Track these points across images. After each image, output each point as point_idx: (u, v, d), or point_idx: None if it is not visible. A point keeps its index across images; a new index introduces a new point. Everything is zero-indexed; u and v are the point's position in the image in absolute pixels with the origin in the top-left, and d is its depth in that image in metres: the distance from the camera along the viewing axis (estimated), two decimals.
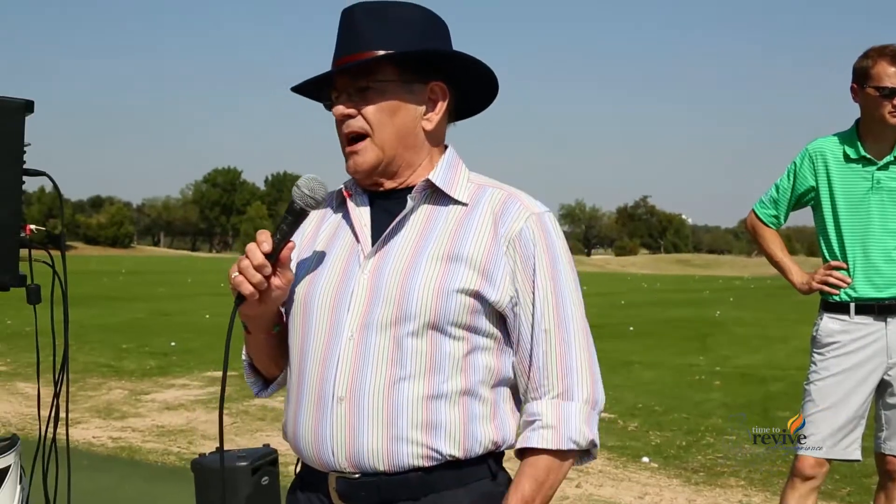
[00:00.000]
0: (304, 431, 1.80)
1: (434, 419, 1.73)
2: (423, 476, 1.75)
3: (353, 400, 1.73)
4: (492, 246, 1.77)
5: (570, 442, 1.74)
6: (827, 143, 3.90)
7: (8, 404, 8.78)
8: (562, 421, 1.75)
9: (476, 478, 1.79)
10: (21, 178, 2.27)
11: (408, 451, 1.73)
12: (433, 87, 1.85)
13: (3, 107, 2.22)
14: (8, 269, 2.25)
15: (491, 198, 1.83)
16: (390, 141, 1.81)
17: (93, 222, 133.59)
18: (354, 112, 1.80)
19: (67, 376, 2.50)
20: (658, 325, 19.50)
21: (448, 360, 1.74)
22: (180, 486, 5.82)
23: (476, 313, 1.76)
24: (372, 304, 1.75)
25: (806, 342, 4.16)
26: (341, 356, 1.75)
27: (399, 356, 1.73)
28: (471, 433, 1.76)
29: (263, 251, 1.73)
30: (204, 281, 39.44)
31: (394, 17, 1.82)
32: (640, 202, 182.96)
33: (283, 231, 1.76)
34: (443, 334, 1.74)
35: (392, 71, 1.80)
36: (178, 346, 13.83)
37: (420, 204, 1.84)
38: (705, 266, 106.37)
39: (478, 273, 1.75)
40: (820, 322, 3.90)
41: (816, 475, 3.80)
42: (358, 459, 1.74)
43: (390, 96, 1.80)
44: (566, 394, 1.77)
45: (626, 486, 6.17)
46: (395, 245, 1.80)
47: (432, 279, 1.73)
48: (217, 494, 2.91)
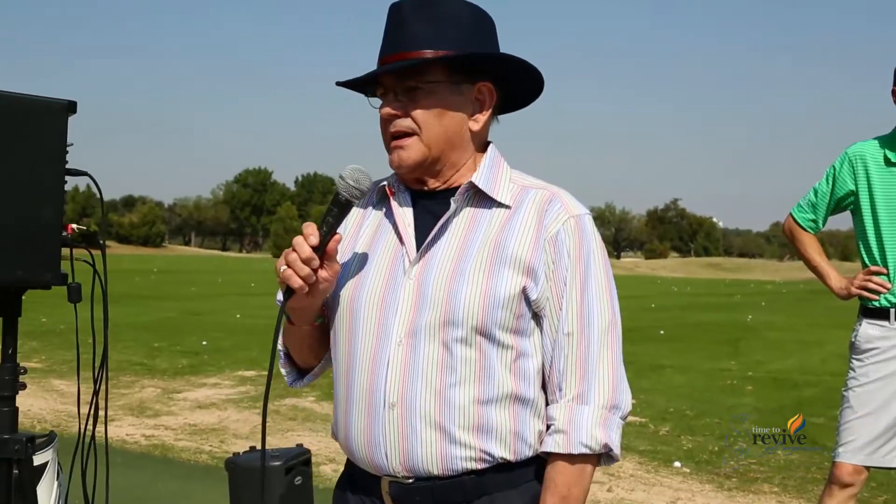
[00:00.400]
0: (357, 436, 1.81)
1: (485, 423, 1.74)
2: (475, 479, 1.76)
3: (405, 406, 1.73)
4: (535, 245, 1.76)
5: (582, 446, 1.73)
6: (867, 147, 3.86)
7: (43, 401, 8.86)
8: (573, 425, 1.74)
9: (526, 479, 1.80)
10: (63, 178, 2.30)
11: (461, 455, 1.74)
12: (480, 88, 1.84)
13: (47, 107, 2.24)
14: (51, 268, 2.28)
15: (534, 198, 1.82)
16: (437, 140, 1.80)
17: (125, 221, 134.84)
18: (402, 113, 1.79)
19: (107, 374, 2.52)
20: (689, 329, 19.36)
21: (497, 364, 1.75)
22: (213, 485, 5.86)
23: (522, 317, 1.76)
24: (419, 309, 1.75)
25: (841, 347, 4.11)
26: (391, 362, 1.75)
27: (449, 362, 1.73)
28: (520, 435, 1.77)
29: (311, 244, 1.72)
30: (234, 281, 39.72)
31: (443, 15, 1.81)
32: (671, 205, 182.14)
33: (330, 223, 1.74)
34: (491, 339, 1.74)
35: (442, 72, 1.79)
36: (209, 345, 13.91)
37: (463, 206, 1.83)
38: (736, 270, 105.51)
39: (523, 273, 1.75)
40: (859, 328, 3.85)
41: (855, 482, 3.75)
42: (411, 464, 1.75)
43: (439, 98, 1.79)
44: (581, 397, 1.76)
45: (658, 491, 6.12)
46: (440, 249, 1.79)
47: (478, 285, 1.73)
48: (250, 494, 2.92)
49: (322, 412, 8.45)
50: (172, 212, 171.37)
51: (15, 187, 2.20)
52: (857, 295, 3.87)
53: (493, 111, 1.88)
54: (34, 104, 2.22)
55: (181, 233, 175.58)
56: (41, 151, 2.23)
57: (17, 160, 2.19)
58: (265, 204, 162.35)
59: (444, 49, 1.77)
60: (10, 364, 2.37)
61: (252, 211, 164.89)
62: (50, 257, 2.28)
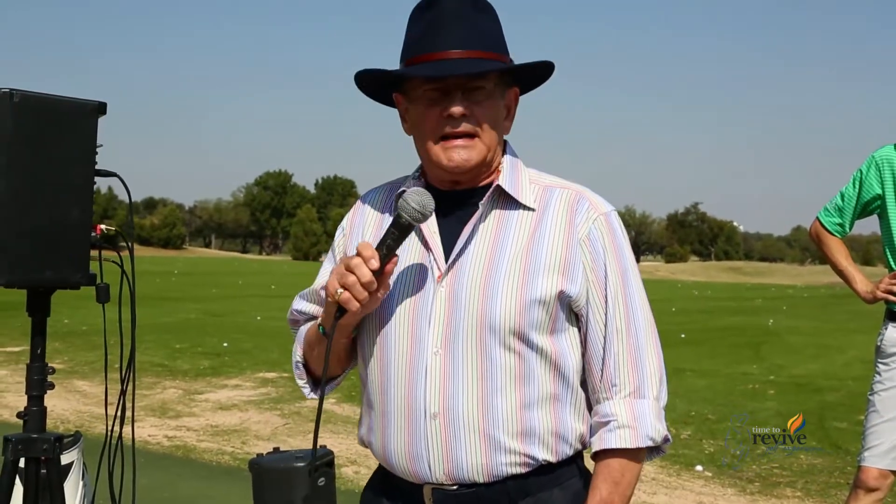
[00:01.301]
0: (396, 446, 1.80)
1: (528, 427, 1.75)
2: (519, 482, 1.77)
3: (448, 416, 1.73)
4: (568, 246, 1.77)
5: (648, 439, 1.75)
6: (894, 151, 3.83)
7: (66, 402, 8.93)
8: (637, 419, 1.76)
9: (568, 477, 1.81)
10: (93, 180, 2.31)
11: (505, 461, 1.74)
12: (510, 94, 1.87)
13: (78, 108, 2.26)
14: (80, 268, 2.29)
15: (560, 199, 1.83)
16: (492, 143, 1.81)
17: (146, 223, 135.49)
18: (469, 113, 1.77)
19: (134, 374, 2.54)
20: (710, 333, 19.28)
21: (537, 368, 1.75)
22: (236, 486, 5.89)
23: (558, 319, 1.76)
24: (454, 317, 1.75)
25: (863, 352, 4.10)
26: (429, 372, 1.75)
27: (489, 369, 1.73)
28: (562, 436, 1.78)
29: (371, 268, 1.68)
30: (254, 283, 39.86)
31: (490, 14, 1.83)
32: (691, 209, 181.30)
33: (390, 246, 1.71)
34: (529, 343, 1.74)
35: (496, 77, 1.80)
36: (230, 346, 13.97)
37: (490, 209, 1.83)
38: (757, 274, 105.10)
39: (558, 275, 1.75)
40: (885, 332, 3.82)
41: (881, 487, 3.73)
42: (456, 473, 1.75)
43: (495, 102, 1.81)
44: (638, 392, 1.78)
45: (680, 495, 6.10)
46: (470, 255, 1.78)
47: (513, 290, 1.73)
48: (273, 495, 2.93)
49: (343, 414, 8.47)
50: (193, 214, 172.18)
51: (45, 188, 2.22)
52: (882, 299, 3.84)
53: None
54: (65, 105, 2.24)
55: (201, 235, 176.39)
56: (71, 152, 2.25)
57: (47, 161, 2.21)
58: (285, 206, 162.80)
59: (497, 51, 1.79)
60: (39, 364, 2.39)
61: (272, 213, 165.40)
62: (79, 258, 2.30)
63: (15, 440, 2.37)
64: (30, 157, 2.19)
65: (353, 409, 8.57)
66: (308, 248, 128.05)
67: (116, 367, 2.63)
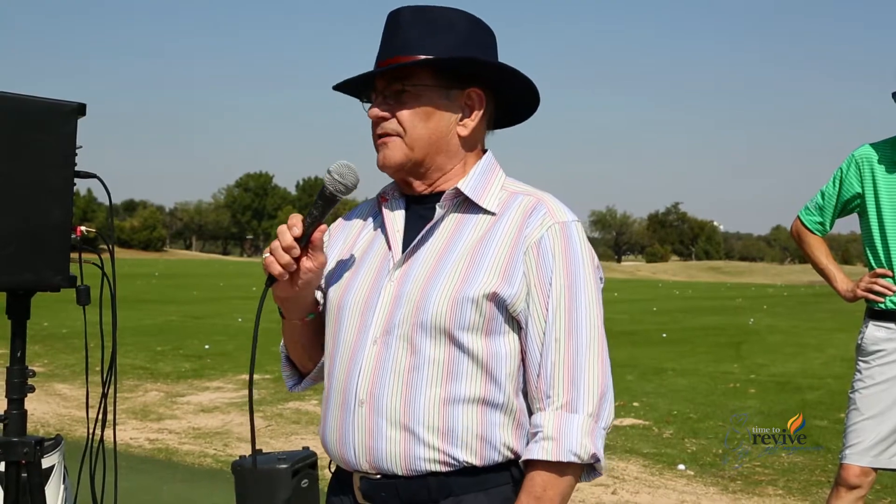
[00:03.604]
0: (331, 432, 1.85)
1: (450, 425, 1.74)
2: (440, 480, 1.76)
3: (372, 403, 1.76)
4: (512, 249, 1.77)
5: (571, 454, 1.69)
6: (874, 149, 3.85)
7: (46, 405, 8.87)
8: (562, 433, 1.70)
9: (496, 484, 1.78)
10: (73, 181, 2.30)
11: (424, 455, 1.74)
12: (470, 94, 1.86)
13: (57, 109, 2.24)
14: (60, 270, 2.28)
15: (520, 204, 1.83)
16: (421, 143, 1.83)
17: (126, 226, 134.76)
18: (388, 115, 1.83)
19: (115, 377, 2.52)
20: (691, 333, 19.35)
21: (466, 368, 1.75)
22: (218, 488, 5.87)
23: (494, 321, 1.75)
24: (394, 310, 1.78)
25: (843, 350, 4.13)
26: (364, 360, 1.79)
27: (417, 362, 1.75)
28: (488, 441, 1.76)
29: (293, 234, 1.76)
30: (236, 285, 39.70)
31: (439, 22, 1.84)
32: (672, 209, 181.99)
33: (314, 215, 1.79)
34: (460, 341, 1.74)
35: (430, 76, 1.82)
36: (211, 348, 13.92)
37: (450, 212, 1.85)
38: (737, 273, 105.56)
39: (497, 277, 1.75)
40: (865, 330, 3.85)
41: (862, 484, 3.75)
42: (376, 462, 1.77)
43: (426, 101, 1.82)
44: (570, 405, 1.72)
45: (663, 494, 6.12)
46: (423, 253, 1.82)
47: (450, 287, 1.75)
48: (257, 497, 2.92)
49: None
50: (173, 216, 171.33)
51: (24, 190, 2.20)
52: (863, 297, 3.86)
53: (485, 118, 1.90)
54: (44, 106, 2.22)
55: (182, 237, 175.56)
56: (50, 154, 2.23)
57: (26, 162, 2.19)
58: (266, 208, 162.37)
59: (436, 54, 1.80)
60: (19, 367, 2.37)
61: (253, 215, 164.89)
62: (59, 260, 2.28)
63: None
64: (8, 159, 2.17)
65: None
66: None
67: (97, 370, 2.61)
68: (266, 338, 1.81)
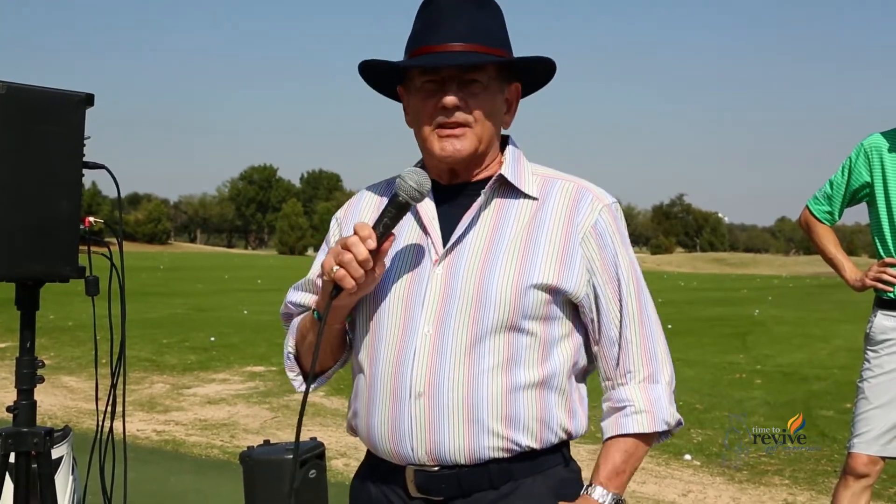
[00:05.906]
0: (379, 426, 1.80)
1: (514, 412, 1.75)
2: (502, 466, 1.77)
3: (432, 396, 1.74)
4: (567, 237, 1.78)
5: (664, 423, 1.81)
6: (883, 139, 3.83)
7: (53, 397, 8.87)
8: (654, 404, 1.81)
9: (551, 465, 1.82)
10: (81, 172, 2.29)
11: (489, 444, 1.74)
12: (511, 89, 1.89)
13: (65, 100, 2.24)
14: (69, 262, 2.27)
15: (562, 190, 1.84)
16: (487, 135, 1.83)
17: (130, 219, 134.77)
18: (464, 104, 1.79)
19: (124, 368, 2.52)
20: (696, 324, 19.31)
21: (526, 354, 1.76)
22: (225, 479, 5.88)
23: (552, 305, 1.77)
24: (448, 300, 1.75)
25: (849, 341, 4.12)
26: (417, 352, 1.75)
27: (478, 351, 1.74)
28: (547, 424, 1.79)
29: (368, 248, 1.69)
30: (240, 277, 39.76)
31: (491, 9, 1.85)
32: (676, 200, 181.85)
33: (386, 224, 1.73)
34: (521, 329, 1.75)
35: (495, 70, 1.82)
36: (217, 340, 13.92)
37: (492, 198, 1.84)
38: (742, 265, 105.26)
39: (555, 264, 1.76)
40: (874, 319, 3.84)
41: (870, 473, 3.74)
42: (438, 454, 1.75)
43: (491, 95, 1.82)
44: (652, 377, 1.84)
45: (669, 484, 6.12)
46: (469, 241, 1.80)
47: (510, 275, 1.74)
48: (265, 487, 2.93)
49: (332, 407, 8.46)
50: (178, 209, 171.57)
51: (33, 181, 2.20)
52: (871, 286, 3.86)
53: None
54: (52, 96, 2.22)
55: (187, 230, 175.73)
56: (59, 144, 2.23)
57: (35, 152, 2.19)
58: (270, 201, 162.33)
59: (497, 46, 1.81)
60: (29, 357, 2.38)
61: (257, 208, 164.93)
62: (68, 251, 2.28)
63: (5, 434, 2.35)
64: (18, 149, 2.17)
65: (341, 402, 8.56)
66: (294, 242, 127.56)
67: (104, 363, 2.61)
68: (272, 330, 1.80)
